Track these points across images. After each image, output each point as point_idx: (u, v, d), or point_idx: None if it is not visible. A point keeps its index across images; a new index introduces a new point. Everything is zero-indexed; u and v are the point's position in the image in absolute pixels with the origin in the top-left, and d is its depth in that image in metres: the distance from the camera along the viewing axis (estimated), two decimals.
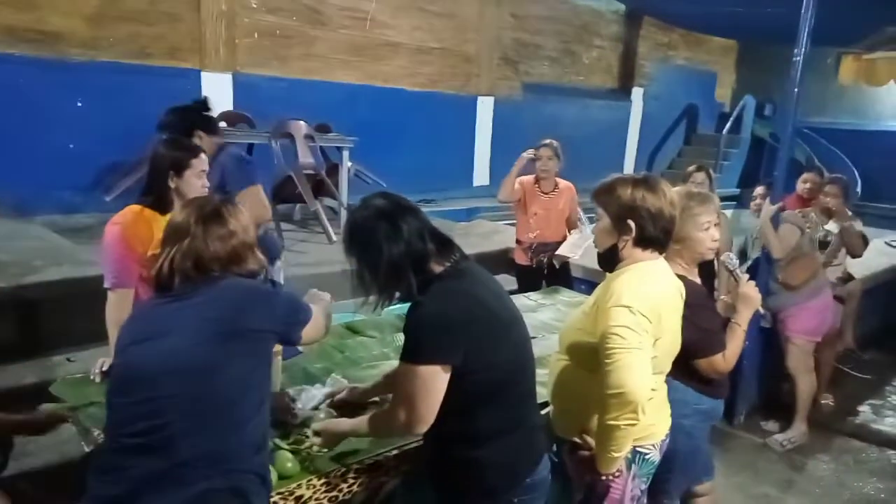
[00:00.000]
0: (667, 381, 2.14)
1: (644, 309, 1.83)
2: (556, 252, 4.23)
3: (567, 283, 4.26)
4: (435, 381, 1.57)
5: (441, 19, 8.23)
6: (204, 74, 6.38)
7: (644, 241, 1.95)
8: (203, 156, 2.51)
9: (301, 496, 1.70)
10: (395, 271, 1.60)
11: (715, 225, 2.35)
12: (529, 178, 4.39)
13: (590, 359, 1.90)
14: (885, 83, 6.16)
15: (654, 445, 2.00)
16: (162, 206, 2.45)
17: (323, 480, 1.74)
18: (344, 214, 5.61)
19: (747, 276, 2.46)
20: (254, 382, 1.49)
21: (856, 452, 3.88)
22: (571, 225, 4.41)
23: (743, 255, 4.51)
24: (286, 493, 1.67)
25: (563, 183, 4.40)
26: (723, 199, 4.10)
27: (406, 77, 8.04)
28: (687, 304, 2.11)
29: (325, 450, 1.82)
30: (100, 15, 5.76)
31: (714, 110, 12.73)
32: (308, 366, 2.42)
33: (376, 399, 2.10)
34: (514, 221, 4.64)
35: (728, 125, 11.55)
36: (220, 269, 1.59)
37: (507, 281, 4.82)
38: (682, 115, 12.14)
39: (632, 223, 1.92)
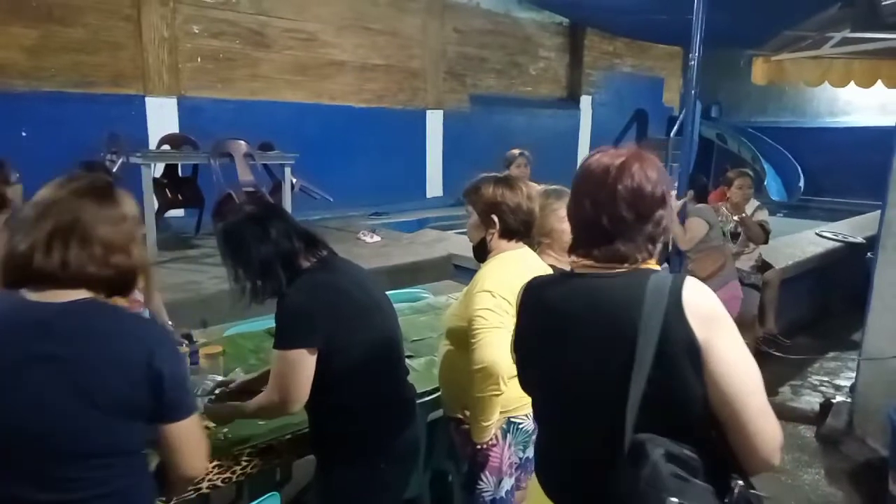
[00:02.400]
0: None
1: (504, 292, 2.03)
2: None
3: None
4: (302, 363, 1.74)
5: (384, 36, 8.47)
6: (148, 99, 6.54)
7: (508, 233, 2.17)
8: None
9: None
10: (266, 269, 1.78)
11: None
12: None
13: (466, 341, 2.09)
14: (794, 82, 6.50)
15: (527, 416, 2.19)
16: None
17: (215, 463, 1.89)
18: None
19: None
20: None
21: None
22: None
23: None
24: None
25: (533, 185, 4.68)
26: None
27: (352, 94, 8.27)
28: None
29: (220, 436, 1.98)
30: (40, 46, 5.90)
31: (663, 114, 13.13)
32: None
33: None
34: (465, 230, 4.86)
35: (675, 128, 11.91)
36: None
37: (450, 286, 5.01)
38: (631, 120, 12.52)
39: (495, 217, 2.14)
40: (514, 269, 2.13)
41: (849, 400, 4.05)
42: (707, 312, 1.22)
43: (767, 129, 12.15)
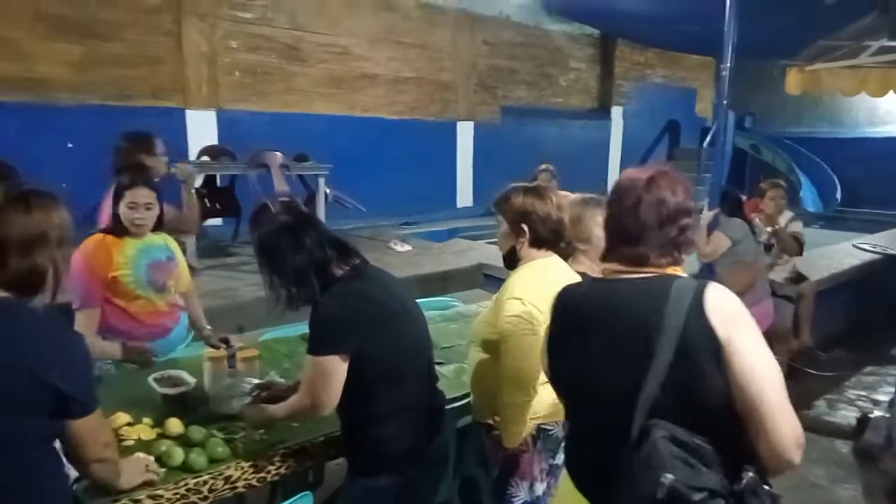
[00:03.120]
0: None
1: (534, 299, 2.07)
2: None
3: None
4: (333, 370, 1.80)
5: (416, 50, 8.59)
6: (188, 112, 6.73)
7: (537, 242, 2.21)
8: (139, 189, 2.70)
9: (230, 476, 1.91)
10: (300, 277, 1.85)
11: None
12: None
13: (496, 348, 2.13)
14: (830, 92, 6.41)
15: (557, 423, 2.21)
16: (118, 231, 2.71)
17: (250, 463, 1.96)
18: None
19: None
20: None
21: (806, 443, 4.04)
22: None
23: None
24: (216, 474, 1.89)
25: (562, 194, 4.75)
26: None
27: (384, 106, 8.38)
28: None
29: (255, 437, 2.04)
30: (84, 61, 6.12)
31: (696, 125, 13.01)
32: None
33: None
34: (495, 240, 4.96)
35: (708, 138, 11.80)
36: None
37: (480, 295, 5.06)
38: (663, 131, 12.44)
39: (525, 227, 2.18)
40: (543, 276, 2.17)
41: (888, 415, 3.97)
42: (728, 312, 1.31)
43: (803, 139, 11.96)
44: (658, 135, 12.37)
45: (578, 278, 2.34)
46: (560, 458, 2.32)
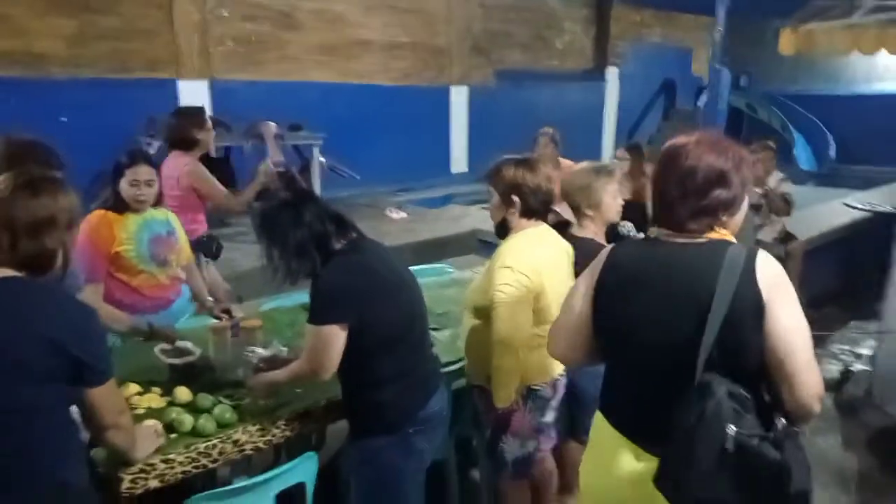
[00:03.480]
0: None
1: (523, 268, 2.17)
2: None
3: None
4: (333, 338, 1.90)
5: (410, 15, 8.53)
6: (181, 83, 6.74)
7: (528, 213, 2.30)
8: (140, 166, 2.78)
9: (238, 440, 2.03)
10: (301, 251, 1.94)
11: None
12: None
13: (488, 314, 2.23)
14: (824, 50, 6.40)
15: (545, 383, 2.34)
16: (119, 208, 2.79)
17: (257, 427, 2.08)
18: None
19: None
20: None
21: None
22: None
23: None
24: (225, 438, 2.01)
25: (564, 162, 4.79)
26: None
27: (380, 73, 8.37)
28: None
29: (260, 402, 2.16)
30: (79, 35, 6.12)
31: (692, 85, 12.94)
32: None
33: None
34: (488, 205, 5.01)
35: (703, 98, 11.77)
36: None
37: (475, 261, 5.15)
38: (659, 91, 12.39)
39: (516, 198, 2.26)
40: (533, 246, 2.26)
41: (869, 369, 4.11)
42: (773, 279, 1.47)
43: (799, 97, 11.94)
44: (654, 95, 12.31)
45: (567, 246, 2.45)
46: (550, 416, 2.45)
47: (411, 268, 3.99)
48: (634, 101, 11.75)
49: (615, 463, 1.62)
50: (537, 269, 2.20)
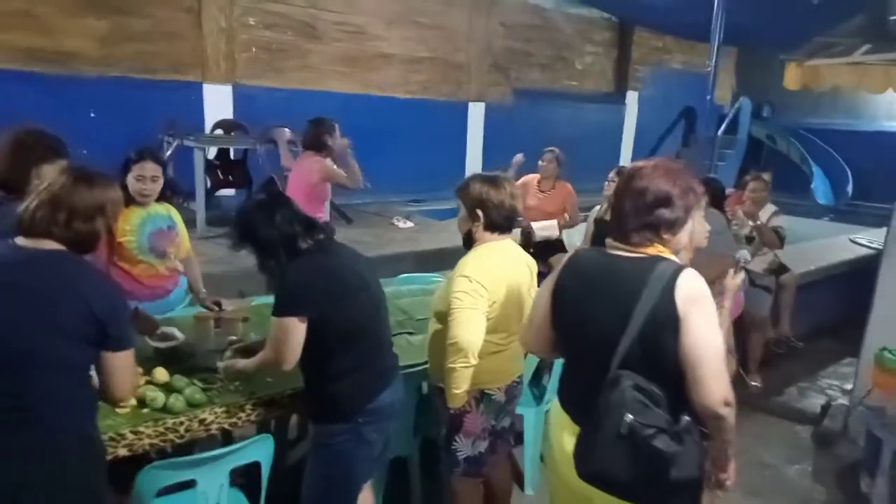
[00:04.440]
0: None
1: (480, 278, 2.31)
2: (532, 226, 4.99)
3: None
4: (292, 329, 2.07)
5: (431, 30, 8.74)
6: (206, 86, 7.01)
7: (491, 227, 2.45)
8: (146, 163, 2.99)
9: (204, 419, 2.20)
10: (270, 249, 2.12)
11: None
12: (534, 176, 5.07)
13: (446, 319, 2.38)
14: (827, 86, 6.46)
15: (499, 388, 2.47)
16: (126, 201, 2.99)
17: (223, 408, 2.25)
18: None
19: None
20: None
21: (768, 426, 4.25)
22: (566, 223, 5.10)
23: None
24: (192, 417, 2.18)
25: (563, 186, 5.03)
26: None
27: (399, 85, 8.58)
28: None
29: (231, 388, 2.33)
30: (109, 36, 6.42)
31: (714, 113, 12.95)
32: None
33: None
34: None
35: (723, 127, 11.80)
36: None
37: None
38: (679, 117, 12.43)
39: (480, 212, 2.41)
40: (492, 258, 2.41)
41: (848, 403, 4.15)
42: (691, 295, 1.67)
43: (820, 130, 11.90)
44: (674, 120, 12.36)
45: (530, 260, 2.59)
46: (505, 421, 2.59)
47: (407, 275, 4.20)
48: (653, 126, 11.82)
49: (562, 439, 1.90)
50: (494, 280, 2.35)
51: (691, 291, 1.67)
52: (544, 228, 5.08)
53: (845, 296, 6.30)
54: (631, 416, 1.60)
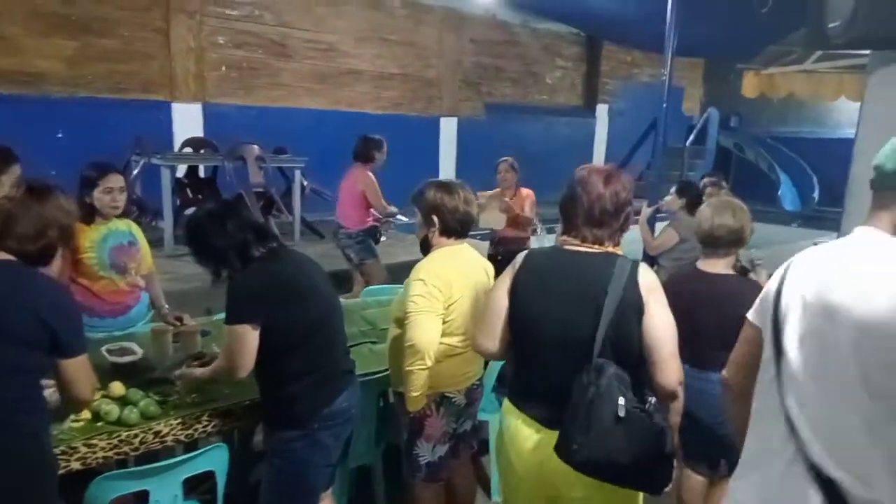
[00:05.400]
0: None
1: (435, 281, 2.34)
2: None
3: None
4: (244, 336, 2.07)
5: (401, 47, 8.84)
6: (175, 105, 7.02)
7: (447, 232, 2.48)
8: (112, 175, 2.99)
9: (159, 431, 2.19)
10: (221, 257, 2.13)
11: None
12: (497, 190, 5.25)
13: (403, 323, 2.40)
14: (783, 94, 6.62)
15: (458, 391, 2.49)
16: (86, 218, 2.98)
17: (179, 420, 2.24)
18: (297, 227, 6.17)
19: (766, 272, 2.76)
20: None
21: None
22: (525, 222, 5.10)
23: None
24: (147, 429, 2.17)
25: (523, 191, 5.06)
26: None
27: (370, 101, 8.65)
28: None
29: (188, 399, 2.33)
30: (78, 56, 6.42)
31: (683, 124, 13.20)
32: None
33: None
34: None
35: (691, 137, 12.02)
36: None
37: None
38: (649, 128, 12.60)
39: (436, 218, 2.45)
40: (448, 262, 2.44)
41: None
42: (650, 285, 1.83)
43: (786, 139, 12.16)
44: (644, 132, 12.54)
45: (487, 263, 2.63)
46: (467, 424, 2.61)
47: (372, 287, 4.21)
48: (624, 138, 11.98)
49: (518, 437, 1.94)
50: (450, 283, 2.37)
51: (650, 281, 1.83)
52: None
53: None
54: (623, 400, 1.69)
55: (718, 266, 2.58)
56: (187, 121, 7.06)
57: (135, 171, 5.60)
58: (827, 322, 1.30)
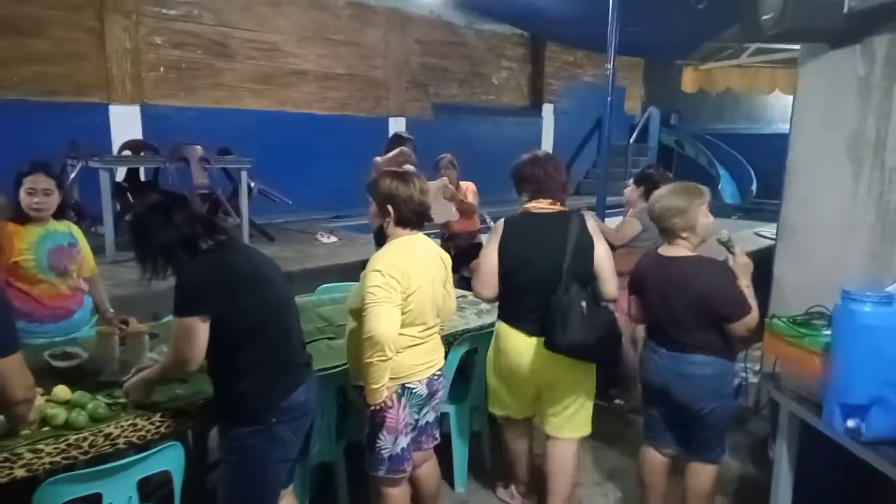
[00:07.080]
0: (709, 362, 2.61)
1: (392, 271, 2.32)
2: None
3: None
4: (193, 328, 2.00)
5: (346, 47, 8.77)
6: (112, 107, 6.78)
7: (402, 222, 2.46)
8: (37, 176, 2.86)
9: (110, 433, 2.09)
10: (168, 250, 2.06)
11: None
12: (442, 179, 5.12)
13: (361, 315, 2.36)
14: (721, 89, 6.87)
15: (420, 381, 2.47)
16: (20, 218, 2.85)
17: (130, 422, 2.15)
18: (245, 230, 6.03)
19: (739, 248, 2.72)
20: None
21: None
22: (469, 209, 5.18)
23: None
24: (96, 431, 2.08)
25: (464, 184, 5.11)
26: None
27: (315, 102, 8.54)
28: (715, 279, 2.51)
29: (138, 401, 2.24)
30: (7, 58, 6.11)
31: (625, 122, 13.52)
32: None
33: None
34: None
35: (634, 136, 12.32)
36: None
37: None
38: (594, 127, 12.87)
39: (390, 207, 2.43)
40: (405, 252, 2.42)
41: (757, 382, 4.37)
42: (595, 229, 2.80)
43: (724, 135, 12.59)
44: (589, 131, 12.79)
45: (443, 253, 2.62)
46: (430, 415, 2.60)
47: (327, 286, 4.15)
48: (569, 137, 12.19)
49: (512, 344, 2.81)
50: (406, 273, 2.35)
51: (594, 227, 2.80)
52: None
53: (755, 284, 6.66)
54: (585, 303, 2.60)
55: (679, 249, 2.62)
56: (126, 123, 6.82)
57: (71, 176, 5.37)
58: None
